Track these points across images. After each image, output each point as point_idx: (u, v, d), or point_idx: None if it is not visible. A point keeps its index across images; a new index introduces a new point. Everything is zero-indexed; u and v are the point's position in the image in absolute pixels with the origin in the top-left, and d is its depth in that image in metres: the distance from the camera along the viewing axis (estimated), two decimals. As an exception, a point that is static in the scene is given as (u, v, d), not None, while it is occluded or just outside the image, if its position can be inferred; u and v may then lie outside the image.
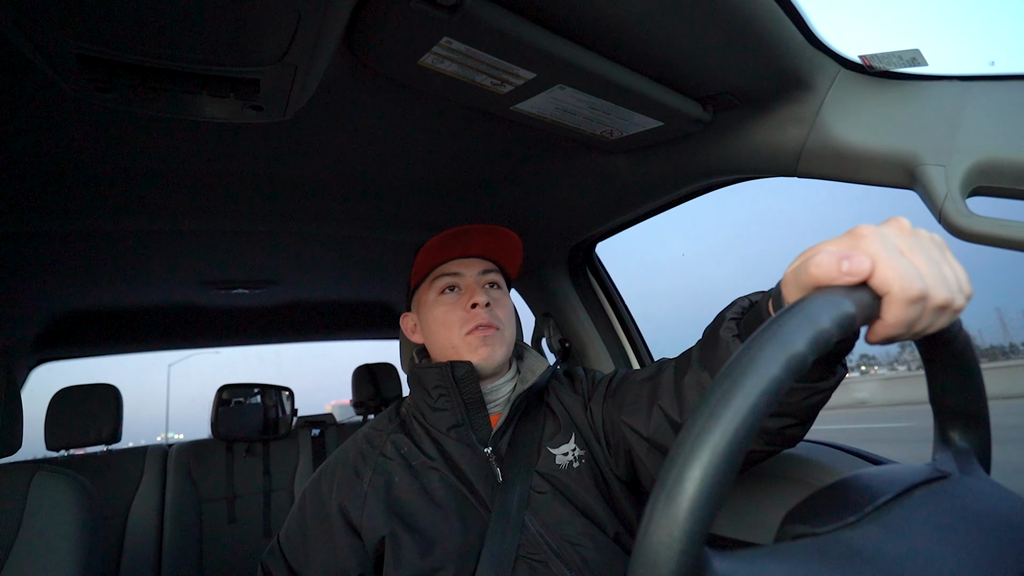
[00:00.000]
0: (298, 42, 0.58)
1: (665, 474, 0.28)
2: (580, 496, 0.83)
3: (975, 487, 0.40)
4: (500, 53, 0.64)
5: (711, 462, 0.27)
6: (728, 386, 0.29)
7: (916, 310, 0.36)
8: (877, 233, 0.38)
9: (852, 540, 0.34)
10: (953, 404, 0.46)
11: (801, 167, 0.81)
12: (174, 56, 0.58)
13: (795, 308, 0.33)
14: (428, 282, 0.96)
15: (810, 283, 0.38)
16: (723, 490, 0.27)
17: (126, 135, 0.85)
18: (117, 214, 1.10)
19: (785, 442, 0.66)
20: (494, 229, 0.93)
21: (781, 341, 0.30)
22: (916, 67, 0.68)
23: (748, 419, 0.27)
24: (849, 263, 0.35)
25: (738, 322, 0.64)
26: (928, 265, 0.38)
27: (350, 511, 0.82)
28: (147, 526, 1.80)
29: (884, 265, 0.35)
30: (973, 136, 0.63)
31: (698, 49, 0.68)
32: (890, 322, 0.36)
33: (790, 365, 0.29)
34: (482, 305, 0.90)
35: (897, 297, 0.35)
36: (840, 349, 0.54)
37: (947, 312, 0.38)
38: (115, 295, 1.66)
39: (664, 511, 0.26)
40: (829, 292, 0.35)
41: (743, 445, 0.27)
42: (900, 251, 0.37)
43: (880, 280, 0.35)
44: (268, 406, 2.13)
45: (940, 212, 0.64)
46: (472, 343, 0.89)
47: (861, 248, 0.37)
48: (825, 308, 0.33)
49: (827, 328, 0.31)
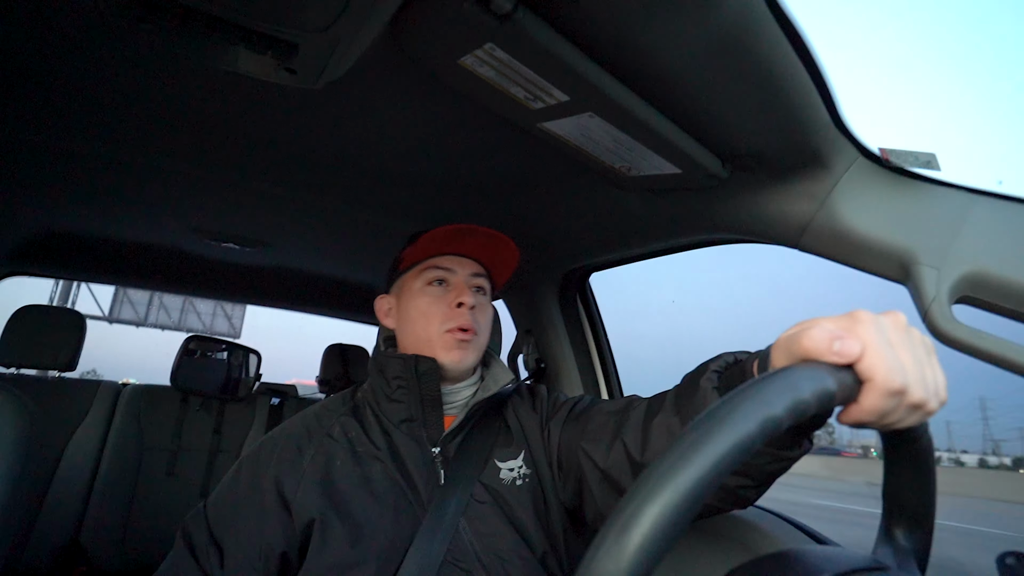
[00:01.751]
0: (346, 16, 0.58)
1: (623, 505, 0.28)
2: (517, 514, 0.83)
3: None
4: (539, 70, 0.65)
5: (671, 503, 0.27)
6: (701, 433, 0.29)
7: (892, 402, 0.37)
8: (874, 321, 0.40)
9: None
10: (903, 502, 0.47)
11: (804, 241, 0.83)
12: (221, 3, 0.58)
13: (780, 373, 0.33)
14: (418, 270, 0.95)
15: (800, 354, 0.39)
16: (676, 533, 0.27)
17: (150, 68, 0.84)
18: (116, 142, 1.08)
19: (737, 502, 0.67)
20: (498, 235, 0.93)
21: (761, 401, 0.31)
22: (929, 170, 0.70)
23: (715, 469, 0.28)
24: (841, 344, 0.37)
25: (720, 375, 0.65)
26: (914, 363, 0.39)
27: (285, 486, 0.81)
28: (83, 462, 1.75)
29: (873, 353, 0.37)
30: (969, 247, 0.66)
31: (729, 107, 0.69)
32: (866, 408, 0.37)
33: (765, 426, 0.30)
34: (467, 307, 0.90)
35: (878, 386, 0.36)
36: (813, 423, 0.56)
37: (920, 411, 0.40)
38: (101, 222, 1.63)
39: (615, 542, 0.27)
40: (815, 366, 0.36)
41: (704, 492, 0.28)
42: (891, 344, 0.39)
43: (866, 366, 0.37)
44: (233, 365, 2.10)
45: (926, 312, 0.66)
46: (448, 342, 0.88)
47: (856, 332, 0.38)
48: (808, 380, 0.33)
49: (806, 399, 0.32)
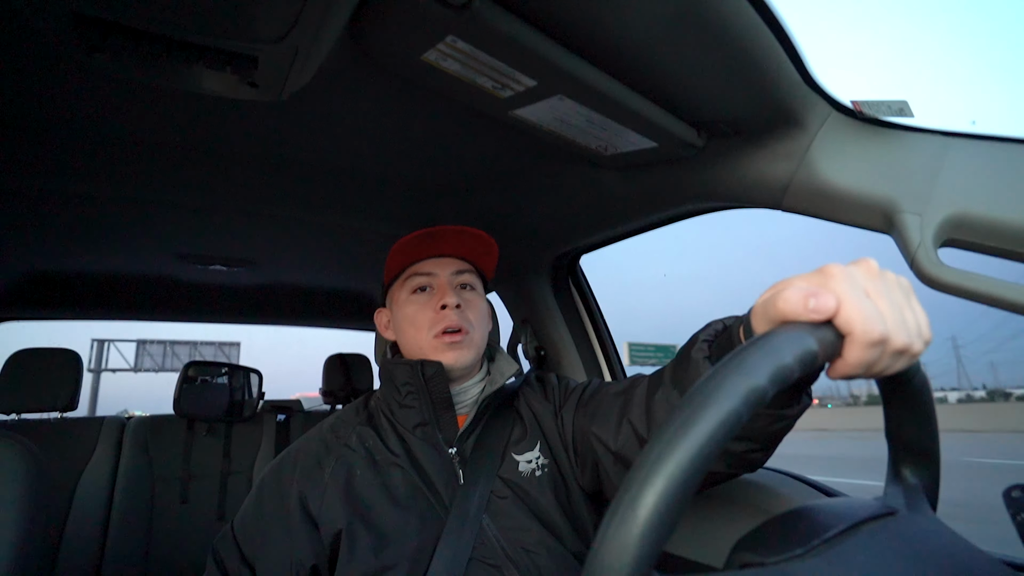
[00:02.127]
0: (301, 24, 0.57)
1: (619, 497, 0.28)
2: (540, 504, 0.84)
3: (921, 525, 0.41)
4: (504, 57, 0.64)
5: (665, 489, 0.27)
6: (688, 414, 0.30)
7: (875, 352, 0.37)
8: (845, 273, 0.39)
9: (797, 573, 0.35)
10: (907, 441, 0.47)
11: (786, 202, 0.83)
12: (173, 24, 0.57)
13: (759, 342, 0.33)
14: (401, 280, 0.95)
15: (777, 317, 0.39)
16: (675, 516, 0.27)
17: (114, 99, 0.83)
18: (95, 177, 1.07)
19: (746, 466, 0.67)
20: (467, 230, 0.92)
21: (743, 373, 0.31)
22: (903, 117, 0.70)
23: (704, 449, 0.28)
24: (816, 301, 0.37)
25: (710, 344, 0.65)
26: (891, 309, 0.39)
27: (309, 501, 0.82)
28: (96, 500, 1.75)
29: (849, 306, 0.37)
30: (949, 190, 0.66)
31: (698, 76, 0.69)
32: (850, 362, 0.37)
33: (749, 398, 0.30)
34: (451, 307, 0.89)
35: (858, 339, 0.36)
36: (805, 380, 0.56)
37: (906, 356, 0.39)
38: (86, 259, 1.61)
39: (616, 533, 0.27)
40: (794, 328, 0.36)
41: (698, 473, 0.28)
42: (866, 293, 0.38)
43: (844, 320, 0.37)
44: (235, 387, 2.09)
45: (912, 259, 0.66)
46: (439, 346, 0.88)
47: (829, 287, 0.38)
48: (788, 344, 0.33)
49: (789, 364, 0.32)
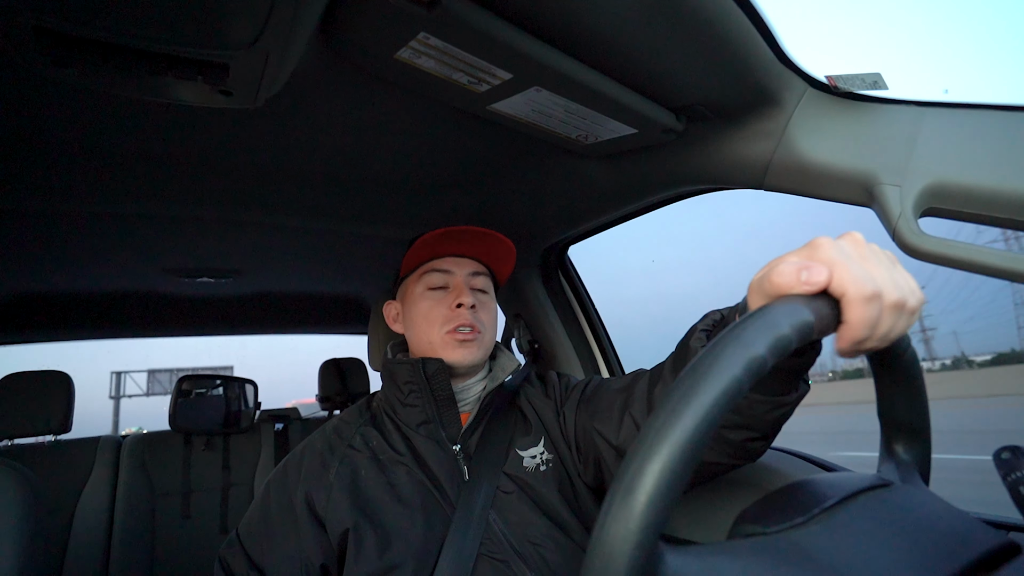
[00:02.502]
0: (271, 28, 0.56)
1: (625, 467, 0.28)
2: (545, 499, 0.84)
3: (914, 496, 0.42)
4: (478, 52, 0.64)
5: (670, 456, 0.27)
6: (691, 384, 0.30)
7: (875, 308, 0.38)
8: (833, 244, 0.41)
9: (799, 539, 0.36)
10: (899, 418, 0.48)
11: (768, 180, 0.84)
12: (140, 35, 0.56)
13: (756, 314, 0.34)
14: (417, 274, 0.95)
15: (773, 292, 0.39)
16: (680, 485, 0.28)
17: (86, 113, 0.82)
18: (73, 194, 1.05)
19: (747, 455, 0.68)
20: (491, 234, 0.93)
21: (742, 344, 0.31)
22: (877, 90, 0.71)
23: (708, 416, 0.29)
24: (808, 273, 0.37)
25: (708, 333, 0.66)
26: (880, 270, 0.40)
27: (315, 501, 0.82)
28: (96, 521, 1.73)
29: (840, 270, 0.38)
30: (926, 159, 0.66)
31: (672, 60, 0.69)
32: (853, 322, 0.38)
33: (750, 367, 0.31)
34: (467, 306, 0.90)
35: (853, 297, 0.37)
36: (804, 364, 0.56)
37: (904, 313, 0.40)
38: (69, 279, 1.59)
39: (623, 503, 0.27)
40: (789, 300, 0.36)
41: (702, 441, 0.28)
42: (854, 258, 0.40)
43: (837, 283, 0.38)
44: (230, 399, 2.07)
45: (894, 230, 0.67)
46: (450, 343, 0.89)
47: (819, 257, 0.39)
48: (785, 315, 0.34)
49: (787, 334, 0.33)
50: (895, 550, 0.35)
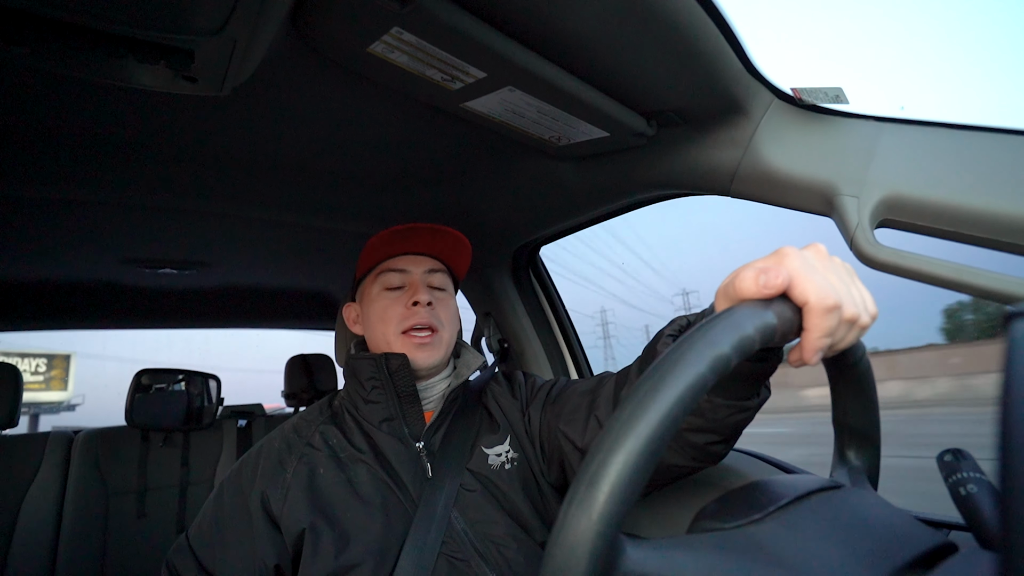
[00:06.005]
0: (238, 15, 0.55)
1: (590, 458, 0.29)
2: (509, 497, 0.84)
3: (863, 497, 0.44)
4: (452, 49, 0.64)
5: (635, 449, 0.28)
6: (657, 379, 0.31)
7: (833, 319, 0.40)
8: (798, 254, 0.43)
9: (754, 535, 0.37)
10: (851, 425, 0.51)
11: (734, 188, 0.86)
12: (99, 15, 0.54)
13: (721, 315, 0.36)
14: (373, 275, 0.94)
15: (736, 296, 0.41)
16: (644, 477, 0.28)
17: (43, 95, 0.78)
18: (27, 179, 1.00)
19: (709, 458, 0.70)
20: (443, 229, 0.92)
21: (708, 342, 0.33)
22: (839, 104, 0.73)
23: (673, 411, 0.29)
24: (766, 277, 0.39)
25: (675, 338, 0.67)
26: (840, 283, 0.42)
27: (271, 501, 0.80)
28: (43, 521, 1.65)
29: (803, 279, 0.40)
30: (883, 172, 0.69)
31: (645, 66, 0.70)
32: (812, 330, 0.40)
33: (715, 365, 0.32)
34: (423, 304, 0.89)
35: (815, 306, 0.39)
36: (765, 370, 0.58)
37: (856, 327, 0.43)
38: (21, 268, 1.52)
39: (587, 493, 0.28)
40: (754, 304, 0.38)
41: (667, 435, 0.29)
42: (817, 269, 0.42)
43: (799, 291, 0.39)
44: (192, 394, 2.00)
45: (851, 240, 0.70)
46: (408, 345, 0.88)
47: (783, 265, 0.41)
48: (749, 317, 0.36)
49: (750, 334, 0.34)
50: (842, 547, 0.37)
